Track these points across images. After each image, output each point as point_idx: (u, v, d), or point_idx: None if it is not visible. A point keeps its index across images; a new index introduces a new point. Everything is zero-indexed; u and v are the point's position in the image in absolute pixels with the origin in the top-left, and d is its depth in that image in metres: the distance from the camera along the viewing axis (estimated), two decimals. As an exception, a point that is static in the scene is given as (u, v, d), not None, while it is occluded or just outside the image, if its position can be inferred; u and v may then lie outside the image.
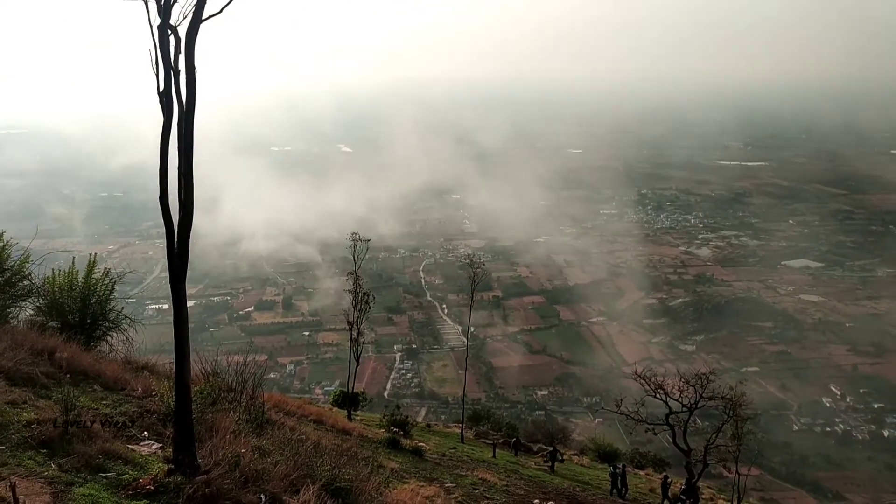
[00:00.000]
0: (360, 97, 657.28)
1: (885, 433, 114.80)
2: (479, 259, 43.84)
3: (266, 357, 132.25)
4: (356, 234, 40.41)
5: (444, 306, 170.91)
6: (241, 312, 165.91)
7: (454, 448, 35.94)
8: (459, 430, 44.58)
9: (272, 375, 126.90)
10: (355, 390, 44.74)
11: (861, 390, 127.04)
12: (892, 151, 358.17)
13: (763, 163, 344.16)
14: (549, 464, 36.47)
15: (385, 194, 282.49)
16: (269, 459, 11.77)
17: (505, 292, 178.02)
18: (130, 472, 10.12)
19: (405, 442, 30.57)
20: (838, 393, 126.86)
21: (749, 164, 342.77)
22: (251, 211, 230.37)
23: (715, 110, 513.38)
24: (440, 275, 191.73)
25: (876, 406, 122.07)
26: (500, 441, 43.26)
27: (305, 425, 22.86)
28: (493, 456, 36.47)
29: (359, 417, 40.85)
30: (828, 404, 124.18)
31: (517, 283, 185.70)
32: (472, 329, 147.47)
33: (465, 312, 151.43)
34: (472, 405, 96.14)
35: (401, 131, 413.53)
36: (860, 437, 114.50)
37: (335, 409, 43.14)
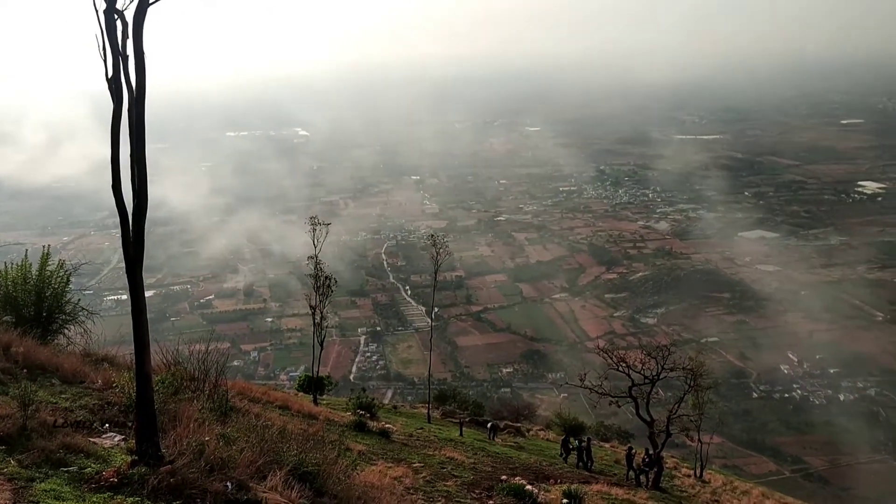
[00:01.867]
0: (320, 81, 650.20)
1: (841, 397, 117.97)
2: (442, 239, 43.75)
3: (229, 345, 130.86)
4: (315, 217, 40.16)
5: (408, 288, 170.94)
6: (201, 301, 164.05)
7: (421, 428, 36.10)
8: (426, 411, 44.81)
9: (236, 363, 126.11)
10: (320, 374, 44.66)
11: (817, 356, 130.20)
12: (843, 122, 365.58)
13: (718, 136, 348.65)
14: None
15: (342, 177, 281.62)
16: (234, 447, 11.69)
17: (467, 272, 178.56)
18: (93, 466, 9.99)
19: (372, 424, 30.60)
20: (795, 360, 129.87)
21: (704, 137, 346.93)
22: (202, 195, 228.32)
23: (669, 85, 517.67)
24: (402, 256, 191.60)
25: (832, 371, 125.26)
26: (467, 420, 43.58)
27: (271, 411, 22.77)
28: (461, 434, 36.73)
29: (325, 402, 40.79)
30: (786, 371, 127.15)
31: (479, 263, 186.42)
32: (435, 309, 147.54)
33: (428, 293, 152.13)
34: (437, 385, 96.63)
35: (358, 114, 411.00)
36: (817, 402, 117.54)
37: (301, 394, 43.01)
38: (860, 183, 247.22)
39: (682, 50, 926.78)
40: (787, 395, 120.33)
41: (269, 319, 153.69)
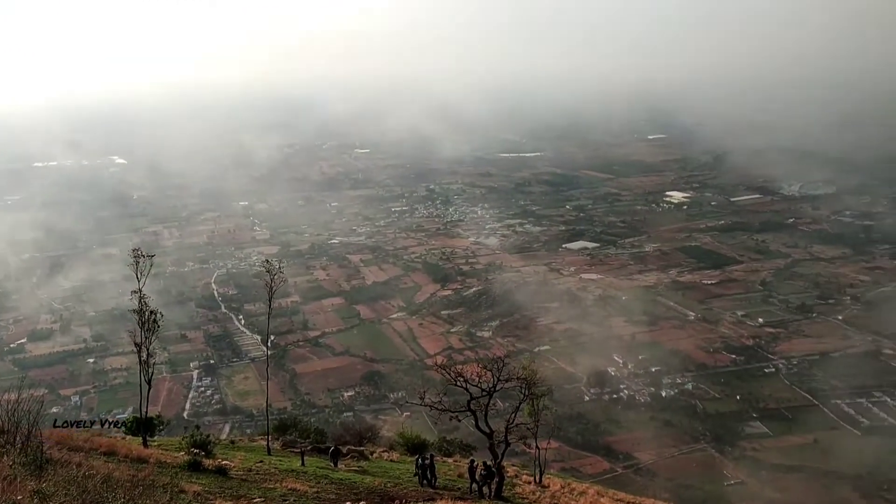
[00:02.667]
0: (142, 105, 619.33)
1: (663, 393, 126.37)
2: (277, 265, 42.72)
3: (45, 391, 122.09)
4: (138, 249, 38.16)
5: (241, 317, 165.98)
6: (12, 345, 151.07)
7: (261, 461, 34.98)
8: (265, 443, 43.51)
9: (54, 410, 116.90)
10: (150, 415, 42.30)
11: (640, 357, 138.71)
12: (650, 137, 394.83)
13: (539, 153, 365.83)
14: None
15: (164, 206, 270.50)
16: (51, 502, 10.85)
17: (303, 297, 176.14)
18: None
19: (208, 462, 29.33)
20: (621, 361, 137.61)
21: (526, 155, 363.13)
22: (7, 232, 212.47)
23: (488, 105, 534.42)
24: (234, 285, 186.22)
25: (653, 370, 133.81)
26: (309, 448, 42.70)
27: (94, 459, 21.29)
28: (302, 464, 35.95)
29: (156, 443, 38.67)
30: (613, 373, 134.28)
31: (315, 287, 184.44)
32: (272, 337, 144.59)
33: (263, 321, 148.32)
34: (277, 415, 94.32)
35: (182, 139, 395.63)
36: (642, 400, 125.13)
37: (129, 437, 40.54)
38: (668, 193, 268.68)
39: (500, 71, 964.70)
40: (615, 395, 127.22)
41: (91, 360, 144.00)
